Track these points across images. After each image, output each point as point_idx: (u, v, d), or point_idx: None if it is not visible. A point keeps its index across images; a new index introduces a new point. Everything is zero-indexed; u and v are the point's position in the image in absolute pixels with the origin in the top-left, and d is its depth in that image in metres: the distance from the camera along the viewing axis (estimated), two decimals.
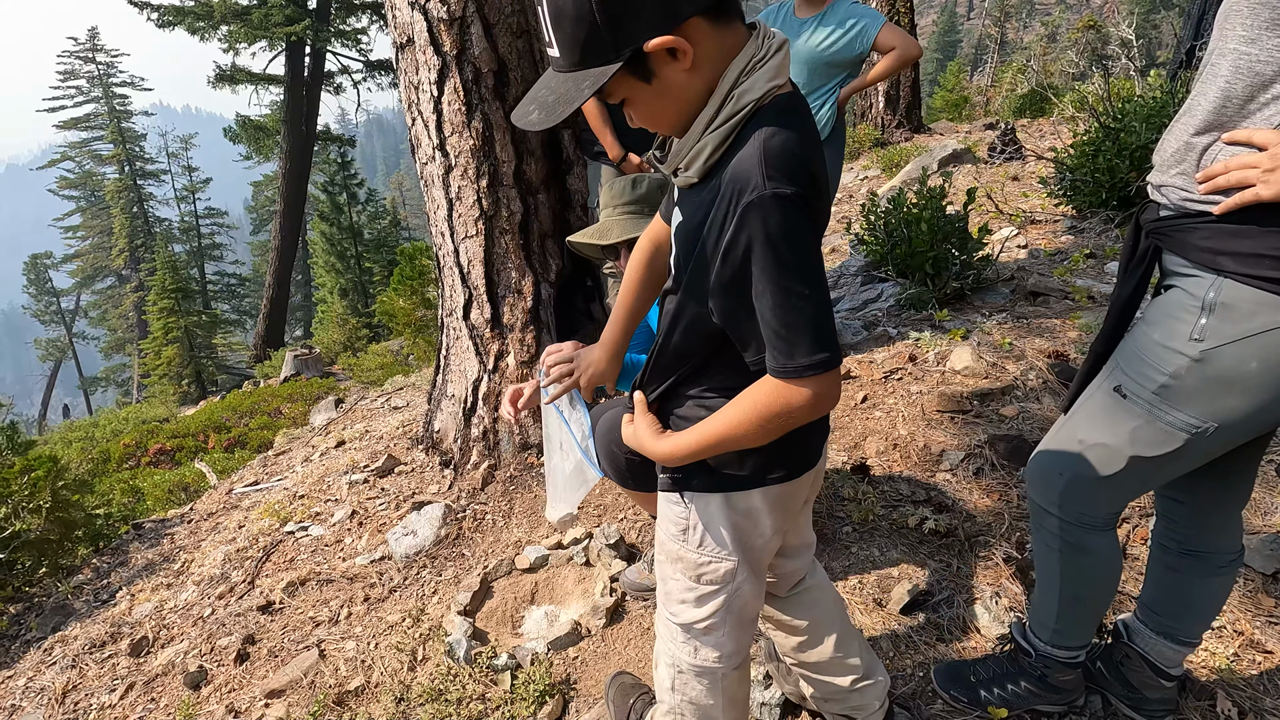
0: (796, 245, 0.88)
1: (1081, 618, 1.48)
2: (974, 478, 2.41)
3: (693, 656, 1.24)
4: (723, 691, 1.27)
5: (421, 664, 2.05)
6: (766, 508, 1.14)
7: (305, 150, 19.85)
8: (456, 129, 2.97)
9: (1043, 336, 3.18)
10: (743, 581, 1.18)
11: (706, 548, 1.16)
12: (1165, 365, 1.18)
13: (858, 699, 1.43)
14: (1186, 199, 1.15)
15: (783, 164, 0.88)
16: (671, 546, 1.21)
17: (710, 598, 1.19)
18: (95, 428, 14.17)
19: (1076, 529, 1.37)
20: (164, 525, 3.84)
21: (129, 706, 2.27)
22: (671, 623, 1.25)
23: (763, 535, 1.16)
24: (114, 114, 31.55)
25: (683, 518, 1.17)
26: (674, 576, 1.22)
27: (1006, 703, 1.60)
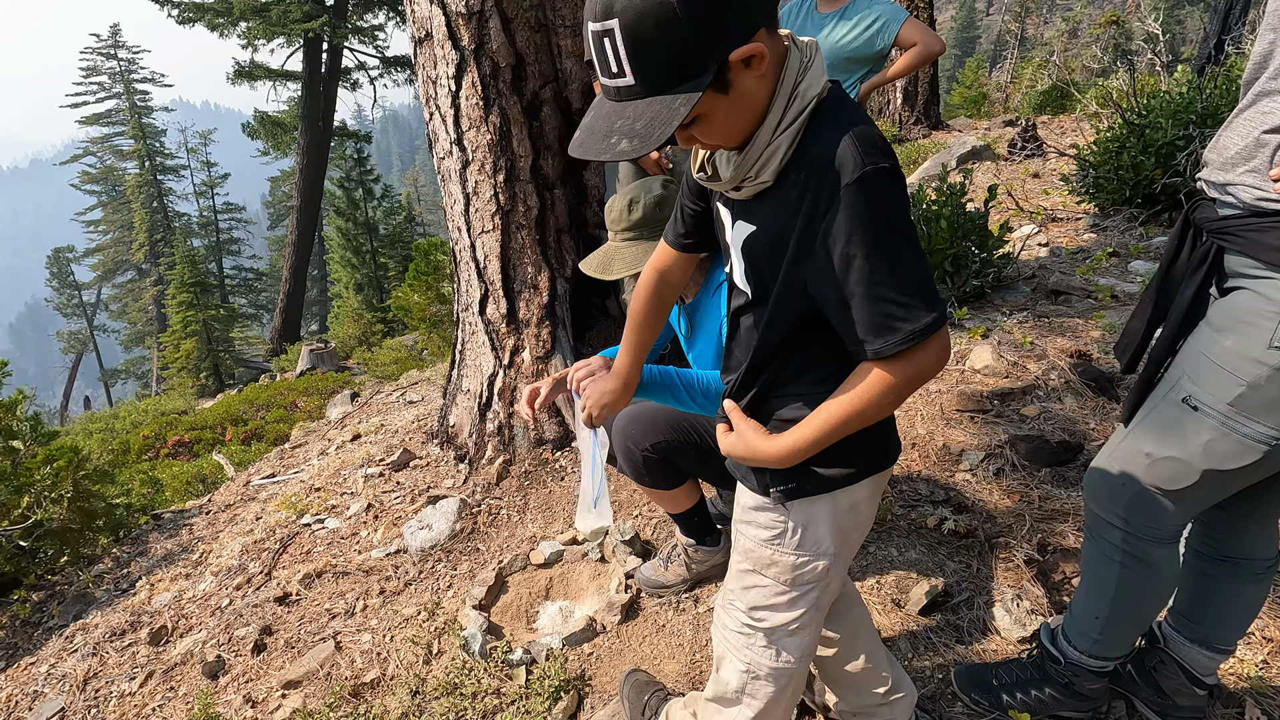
0: (905, 212, 0.93)
1: (1129, 630, 1.44)
2: (994, 478, 2.38)
3: (774, 660, 1.22)
4: (792, 685, 1.25)
5: (436, 657, 2.05)
6: (867, 497, 1.15)
7: (322, 146, 20.00)
8: (474, 124, 2.97)
9: (1065, 336, 3.13)
10: (834, 576, 1.18)
11: (806, 548, 1.14)
12: (1243, 374, 1.13)
13: (888, 712, 1.42)
14: (1263, 198, 1.11)
15: (872, 144, 0.91)
16: (763, 553, 1.17)
17: (803, 598, 1.18)
18: (115, 419, 14.38)
19: (1141, 541, 1.32)
20: (182, 516, 3.88)
21: (149, 695, 2.30)
22: (754, 629, 1.21)
23: (861, 527, 1.17)
24: (135, 110, 31.95)
25: (779, 521, 1.14)
26: (763, 582, 1.19)
27: (1029, 708, 1.57)
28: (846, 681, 1.42)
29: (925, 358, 0.95)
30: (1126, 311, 3.29)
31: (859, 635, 1.38)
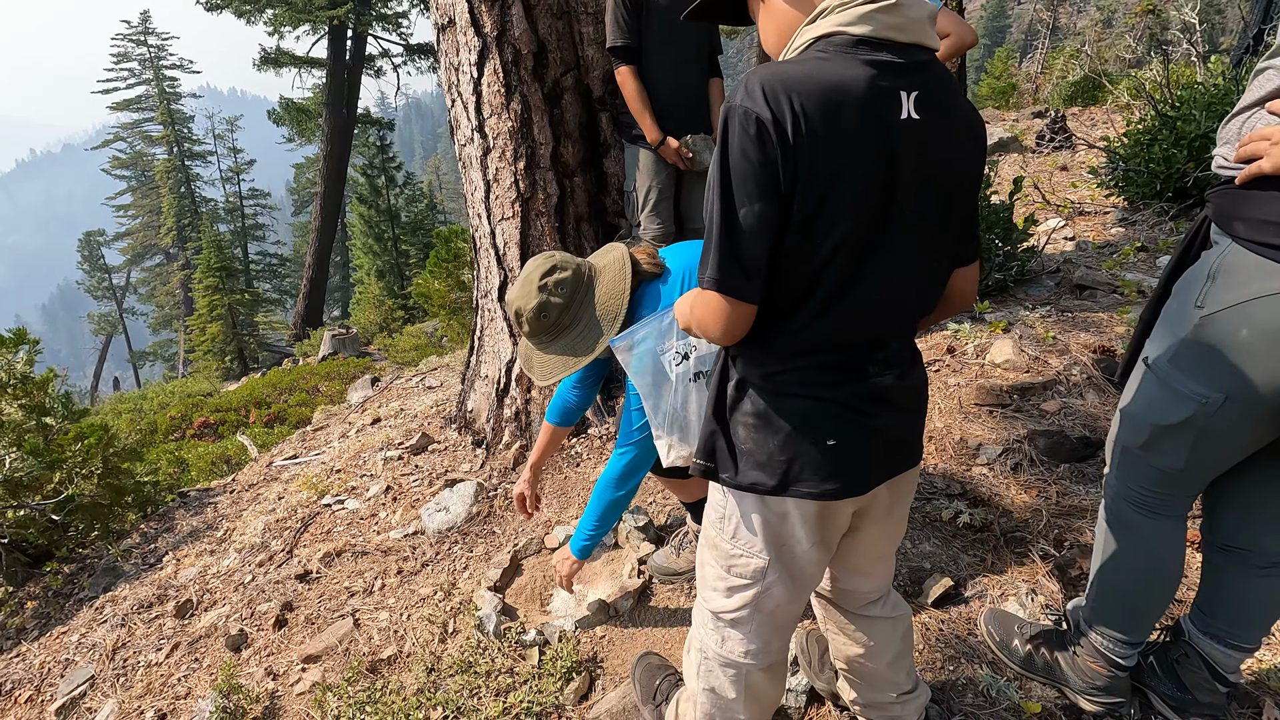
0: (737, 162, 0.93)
1: (1115, 603, 1.46)
2: (1011, 473, 2.36)
3: (719, 646, 1.23)
4: (747, 688, 1.25)
5: (452, 636, 2.09)
6: (798, 517, 1.11)
7: (346, 133, 20.14)
8: (495, 110, 2.98)
9: (1088, 331, 3.09)
10: (774, 583, 1.16)
11: (740, 540, 1.15)
12: (1178, 331, 1.20)
13: (898, 709, 1.43)
14: (1222, 165, 1.18)
15: (754, 82, 0.92)
16: (709, 532, 1.21)
17: (738, 591, 1.18)
18: (143, 400, 14.71)
19: (1124, 503, 1.38)
20: (207, 494, 3.98)
21: (174, 665, 2.37)
22: (704, 607, 1.25)
23: (800, 543, 1.13)
24: (164, 96, 32.40)
25: (721, 505, 1.17)
26: (709, 562, 1.22)
27: (1031, 665, 1.61)
28: (865, 678, 1.43)
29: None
30: None
31: (886, 649, 1.37)
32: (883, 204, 0.96)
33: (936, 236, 1.05)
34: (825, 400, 1.05)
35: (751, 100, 0.91)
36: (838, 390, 1.05)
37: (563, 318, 1.65)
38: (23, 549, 3.41)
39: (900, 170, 0.96)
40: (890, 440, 1.11)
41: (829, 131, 0.91)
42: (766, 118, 0.90)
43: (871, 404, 1.07)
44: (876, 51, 0.94)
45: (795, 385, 1.05)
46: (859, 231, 0.96)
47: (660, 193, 3.04)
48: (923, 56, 0.97)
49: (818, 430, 1.05)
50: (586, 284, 1.65)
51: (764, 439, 1.07)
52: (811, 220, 0.94)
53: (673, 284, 1.62)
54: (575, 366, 1.63)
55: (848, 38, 0.94)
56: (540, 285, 1.63)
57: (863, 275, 0.99)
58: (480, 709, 1.78)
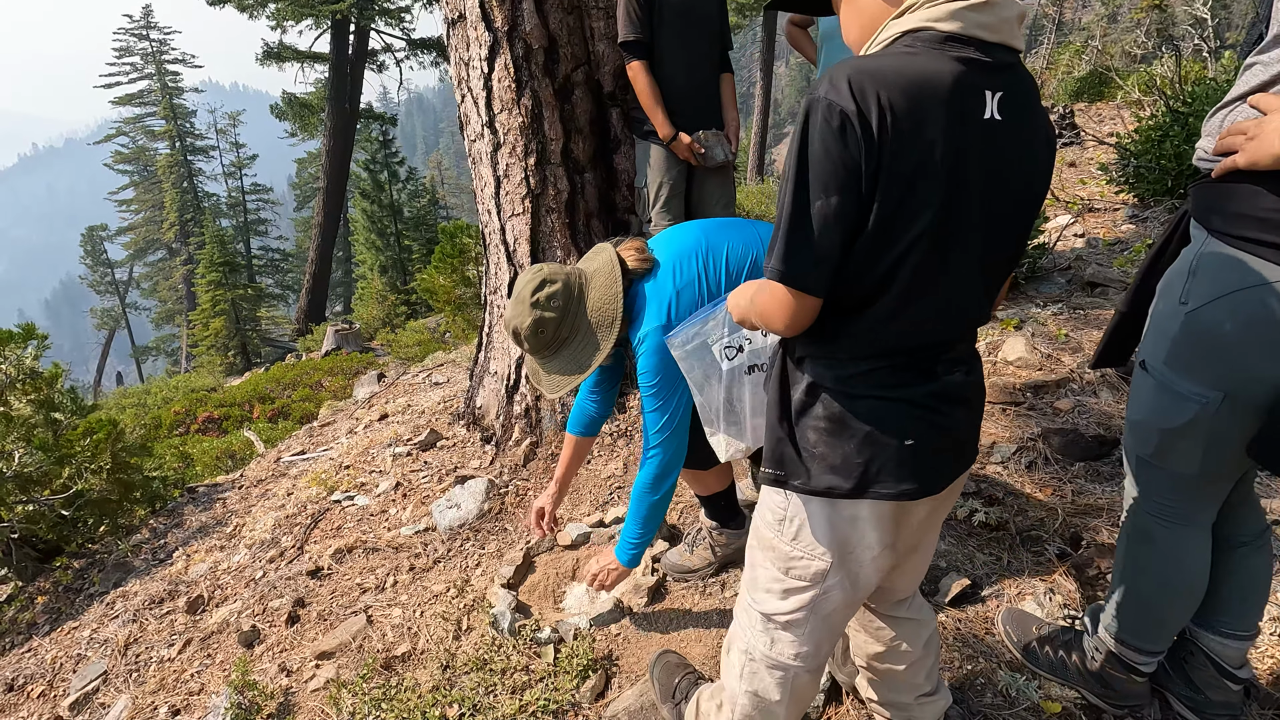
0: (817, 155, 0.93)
1: (1136, 613, 1.44)
2: (1026, 471, 2.35)
3: (768, 648, 1.21)
4: (792, 690, 1.23)
5: (466, 634, 2.09)
6: (870, 518, 1.09)
7: (348, 128, 20.10)
8: (506, 106, 2.97)
9: (1101, 329, 3.07)
10: (834, 586, 1.14)
11: (802, 543, 1.13)
12: (1167, 330, 1.19)
13: (917, 711, 1.42)
14: (1202, 158, 1.18)
15: (839, 74, 0.91)
16: (765, 533, 1.18)
17: (796, 593, 1.15)
18: (147, 395, 14.73)
19: (1146, 516, 1.37)
20: (216, 490, 3.98)
21: (187, 661, 2.37)
22: (753, 609, 1.22)
23: (869, 547, 1.11)
24: (166, 90, 32.36)
25: (781, 507, 1.14)
26: (763, 564, 1.19)
27: (1050, 666, 1.60)
28: (885, 678, 1.42)
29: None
30: None
31: (910, 651, 1.36)
32: (959, 203, 0.95)
33: (1002, 241, 1.04)
34: (901, 400, 1.04)
35: (837, 93, 0.90)
36: (913, 390, 1.04)
37: (560, 331, 1.65)
38: (32, 544, 3.42)
39: (977, 171, 0.95)
40: (959, 439, 1.11)
41: (914, 127, 0.90)
42: (852, 111, 0.89)
43: (945, 403, 1.06)
44: (964, 48, 0.93)
45: (870, 386, 1.04)
46: (936, 229, 0.95)
47: (672, 189, 3.03)
48: (1009, 58, 0.97)
49: (895, 430, 1.04)
50: (578, 294, 1.65)
51: (839, 442, 1.05)
52: (890, 218, 0.94)
53: (663, 278, 1.61)
54: (580, 377, 1.64)
55: (936, 34, 0.93)
56: (533, 302, 1.62)
57: (936, 275, 0.99)
58: (496, 706, 1.77)
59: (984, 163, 0.95)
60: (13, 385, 3.55)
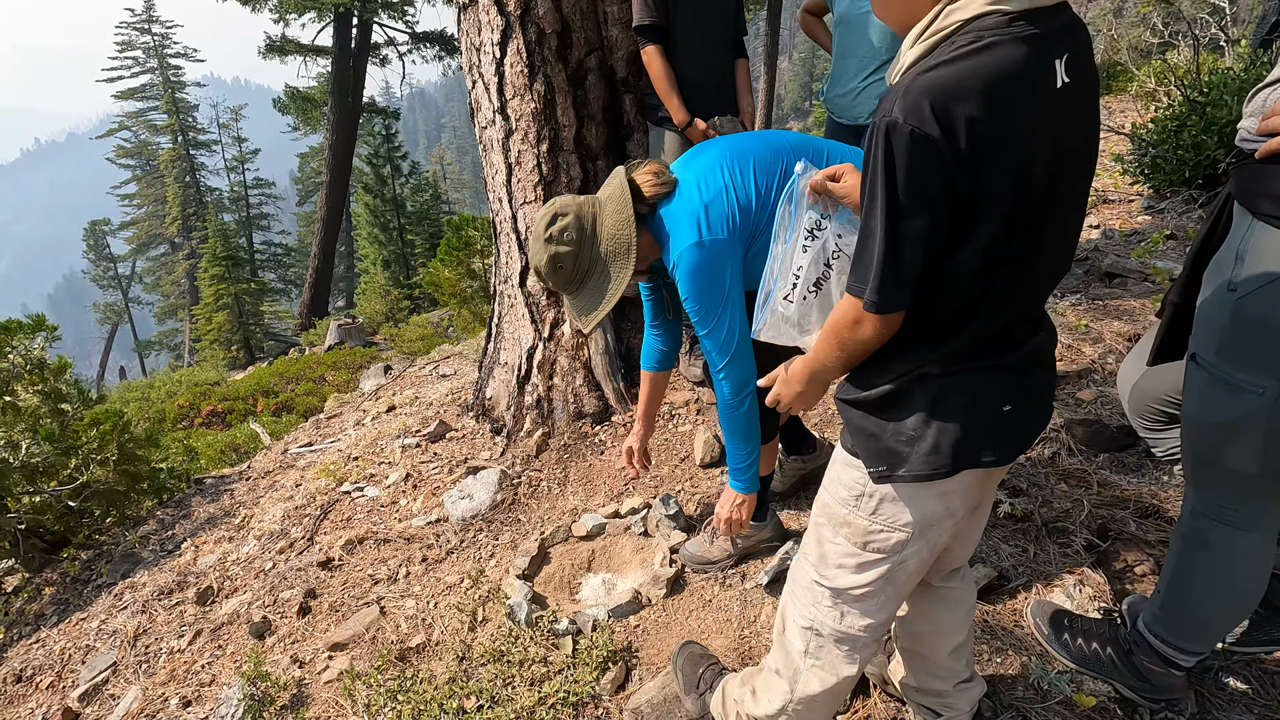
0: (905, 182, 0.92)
1: (1186, 617, 1.40)
2: (1050, 462, 2.31)
3: (838, 622, 1.20)
4: (855, 668, 1.22)
5: (482, 625, 2.05)
6: (961, 489, 1.10)
7: (351, 122, 20.03)
8: (518, 92, 2.92)
9: (1121, 319, 3.03)
10: (911, 555, 1.13)
11: (882, 516, 1.12)
12: (1217, 319, 1.15)
13: (953, 699, 1.39)
14: (1245, 139, 1.15)
15: (919, 93, 0.89)
16: (839, 510, 1.16)
17: (872, 566, 1.15)
18: (151, 388, 14.70)
19: (1204, 519, 1.30)
20: (223, 482, 3.95)
21: (197, 652, 2.34)
22: (821, 586, 1.20)
23: (954, 515, 1.12)
24: (168, 85, 32.30)
25: (859, 483, 1.13)
26: (835, 540, 1.18)
27: (1084, 660, 1.56)
28: (925, 662, 1.39)
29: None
30: None
31: (953, 629, 1.34)
32: (1049, 185, 0.95)
33: (1079, 200, 1.04)
34: (996, 368, 1.05)
35: (920, 119, 0.88)
36: (1006, 357, 1.05)
37: (579, 263, 1.62)
38: (39, 535, 3.39)
39: (1060, 143, 0.94)
40: (1045, 398, 1.13)
41: (1002, 134, 0.89)
42: (937, 136, 0.88)
43: (1032, 365, 1.08)
44: (1030, 25, 0.90)
45: (967, 361, 1.04)
46: (1035, 219, 0.95)
47: None
48: (1068, 15, 0.95)
49: (994, 399, 1.05)
50: (591, 225, 1.61)
51: (939, 421, 1.05)
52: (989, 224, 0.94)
53: (688, 194, 1.56)
54: (605, 309, 1.62)
55: (1000, 17, 0.90)
56: (546, 238, 1.61)
57: (1034, 259, 1.00)
58: (515, 698, 1.74)
59: (1062, 132, 0.94)
60: (20, 376, 3.52)
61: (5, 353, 3.46)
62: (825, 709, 1.30)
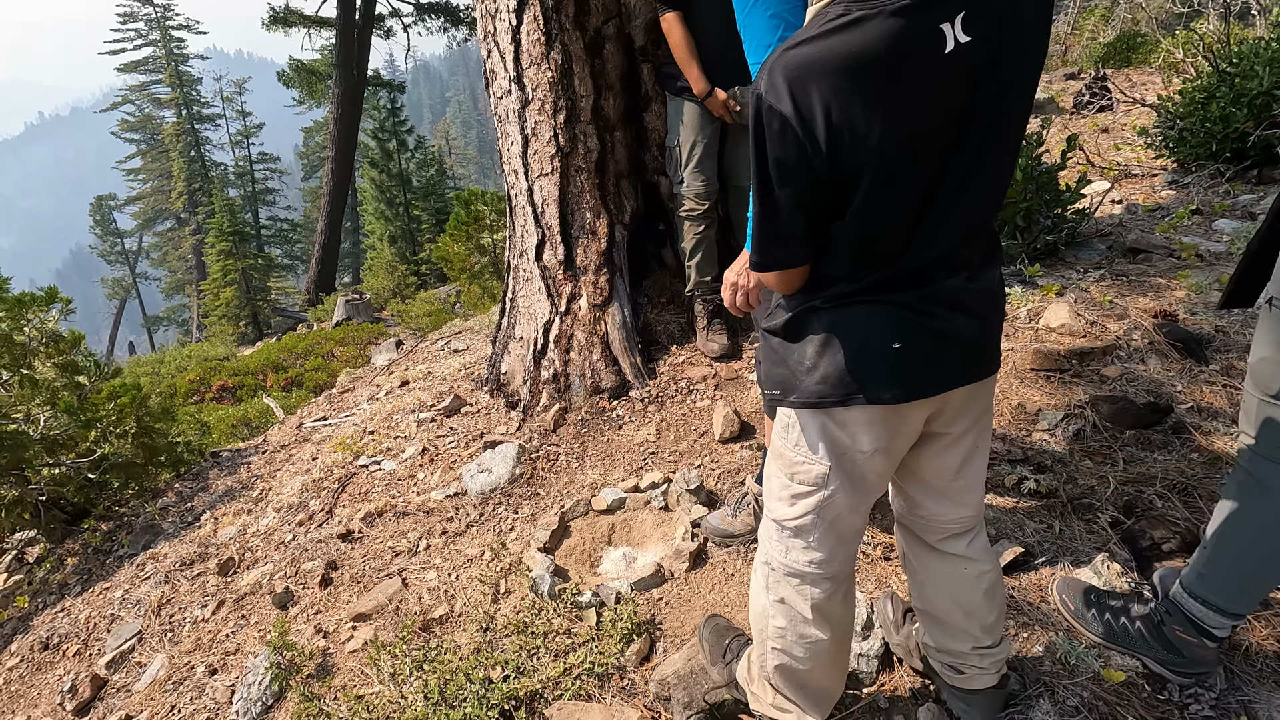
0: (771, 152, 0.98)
1: (1234, 572, 1.38)
2: (1075, 439, 2.29)
3: (784, 556, 1.28)
4: (811, 602, 1.27)
5: (504, 597, 2.06)
6: (864, 424, 1.14)
7: (356, 95, 19.80)
8: (534, 60, 2.87)
9: (1147, 295, 2.98)
10: (836, 490, 1.20)
11: (801, 448, 1.20)
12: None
13: (976, 660, 1.39)
14: None
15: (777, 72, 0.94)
16: (776, 443, 1.26)
17: (801, 498, 1.22)
18: (160, 364, 14.78)
19: (1264, 462, 1.30)
20: (240, 455, 3.97)
21: (221, 621, 2.37)
22: (768, 519, 1.30)
23: (862, 451, 1.16)
24: (171, 57, 31.96)
25: (785, 414, 1.23)
26: (775, 474, 1.27)
27: (1110, 633, 1.55)
28: (939, 623, 1.40)
29: None
30: (1213, 271, 3.12)
31: (969, 594, 1.34)
32: (949, 140, 0.96)
33: (1012, 137, 1.04)
34: (890, 304, 1.07)
35: (776, 95, 0.93)
36: (904, 294, 1.07)
37: None
38: (60, 507, 3.42)
39: (962, 100, 0.94)
40: (962, 343, 1.12)
41: (862, 113, 0.91)
42: (789, 113, 0.93)
43: (938, 305, 1.08)
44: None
45: (860, 296, 1.09)
46: (920, 182, 0.98)
47: (705, 148, 2.93)
48: None
49: (881, 335, 1.08)
50: None
51: (830, 352, 1.11)
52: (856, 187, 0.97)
53: None
54: None
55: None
56: None
57: (937, 214, 1.02)
58: (540, 669, 1.75)
59: (963, 91, 0.94)
60: (36, 349, 3.52)
61: (21, 326, 3.46)
62: (805, 657, 1.32)
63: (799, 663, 1.33)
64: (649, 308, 3.29)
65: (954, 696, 1.47)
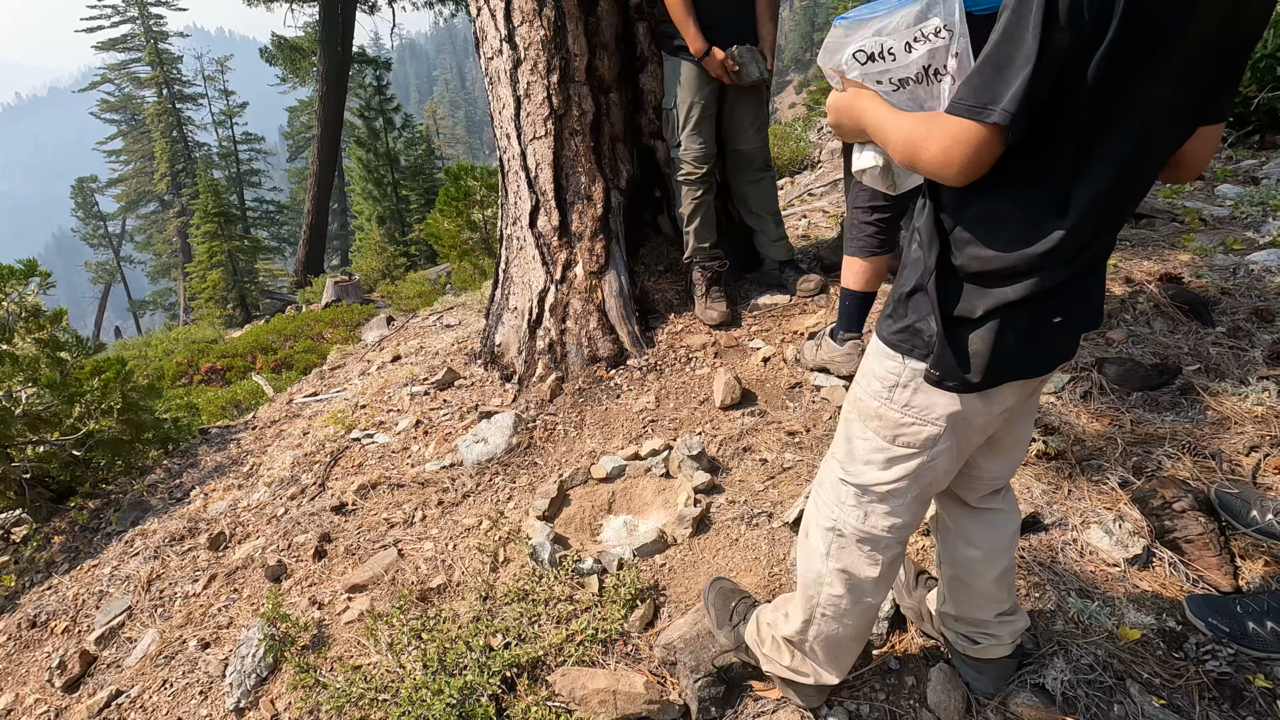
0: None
1: None
2: (1081, 401, 2.25)
3: (861, 521, 1.19)
4: (880, 569, 1.21)
5: (503, 565, 2.02)
6: (1008, 391, 1.08)
7: (341, 72, 19.40)
8: (527, 18, 2.77)
9: (1151, 259, 2.94)
10: (941, 453, 1.11)
11: (914, 408, 1.09)
12: None
13: (995, 628, 1.36)
14: None
15: None
16: (870, 403, 1.14)
17: (901, 461, 1.13)
18: (148, 347, 14.60)
19: None
20: (229, 431, 3.90)
21: (213, 596, 2.31)
22: (846, 483, 1.19)
23: (989, 414, 1.09)
24: (150, 35, 31.19)
25: (894, 373, 1.10)
26: (864, 435, 1.16)
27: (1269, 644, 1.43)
28: (967, 590, 1.35)
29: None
30: (1217, 235, 3.08)
31: (998, 553, 1.31)
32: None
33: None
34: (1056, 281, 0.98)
35: None
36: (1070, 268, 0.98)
37: None
38: (46, 484, 3.35)
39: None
40: (1093, 308, 1.08)
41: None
42: None
43: (1088, 274, 1.02)
44: None
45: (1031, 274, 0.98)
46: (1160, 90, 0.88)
47: (703, 109, 2.85)
48: None
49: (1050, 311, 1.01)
50: None
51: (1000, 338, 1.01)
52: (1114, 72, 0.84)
53: None
54: None
55: None
56: None
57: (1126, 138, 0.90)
58: (541, 636, 1.71)
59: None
60: (15, 325, 3.42)
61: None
62: (852, 624, 1.28)
63: (845, 630, 1.29)
64: (646, 276, 3.23)
65: (965, 665, 1.44)
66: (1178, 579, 1.67)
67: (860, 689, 1.50)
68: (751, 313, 3.05)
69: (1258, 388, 2.12)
